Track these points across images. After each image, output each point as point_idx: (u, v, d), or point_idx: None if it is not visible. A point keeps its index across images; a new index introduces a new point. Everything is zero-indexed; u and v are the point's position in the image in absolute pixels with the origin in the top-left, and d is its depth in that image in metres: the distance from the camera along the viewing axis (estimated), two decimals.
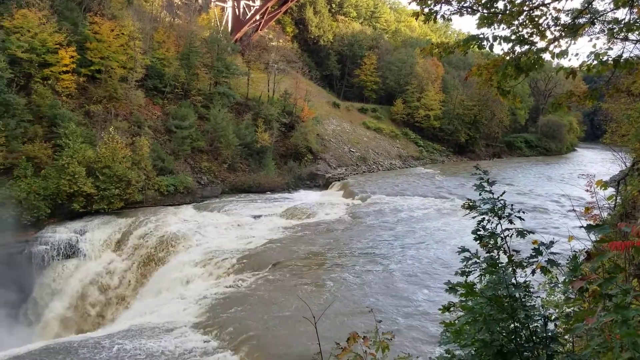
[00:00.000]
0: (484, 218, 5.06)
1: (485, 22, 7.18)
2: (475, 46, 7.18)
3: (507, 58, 7.27)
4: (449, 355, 4.52)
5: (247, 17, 66.33)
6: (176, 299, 24.20)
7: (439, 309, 5.01)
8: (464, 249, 5.04)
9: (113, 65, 42.40)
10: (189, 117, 45.78)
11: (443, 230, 32.73)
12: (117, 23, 43.37)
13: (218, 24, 65.19)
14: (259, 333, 18.93)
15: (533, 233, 5.10)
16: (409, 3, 7.67)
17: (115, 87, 42.60)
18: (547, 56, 7.31)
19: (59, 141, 35.99)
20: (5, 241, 31.65)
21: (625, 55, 7.04)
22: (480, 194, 5.16)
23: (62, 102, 38.86)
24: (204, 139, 47.05)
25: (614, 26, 6.96)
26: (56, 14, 41.35)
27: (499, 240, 4.95)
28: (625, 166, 21.68)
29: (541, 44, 7.22)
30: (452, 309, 4.97)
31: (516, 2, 7.13)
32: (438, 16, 7.58)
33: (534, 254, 4.85)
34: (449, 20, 7.78)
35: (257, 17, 66.43)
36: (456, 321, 4.75)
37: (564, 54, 6.95)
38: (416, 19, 7.77)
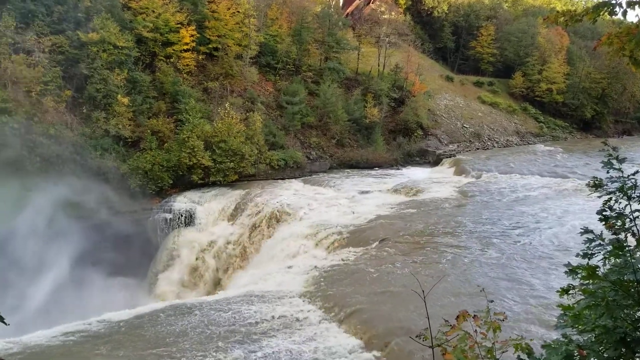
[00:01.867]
0: (610, 198, 4.66)
1: None
2: (606, 13, 6.52)
3: None
4: (566, 340, 4.23)
5: None
6: (284, 269, 25.06)
7: (557, 291, 4.70)
8: (587, 230, 4.68)
9: (229, 43, 44.12)
10: (299, 92, 46.65)
11: (562, 211, 30.80)
12: (233, 1, 44.95)
13: None
14: (365, 307, 19.09)
15: None
16: None
17: (231, 64, 44.38)
18: None
19: (180, 116, 38.35)
20: (133, 208, 34.59)
21: None
22: (607, 172, 4.75)
23: (183, 79, 41.23)
24: (314, 115, 47.77)
25: None
26: None
27: (627, 221, 4.54)
28: None
29: None
30: (571, 292, 4.64)
31: None
32: None
33: None
34: None
35: None
36: (575, 305, 4.44)
37: None
38: None
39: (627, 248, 4.39)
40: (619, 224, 4.58)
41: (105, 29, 36.35)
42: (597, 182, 4.78)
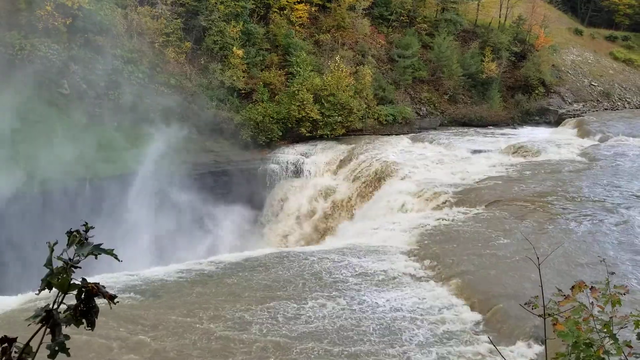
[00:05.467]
0: None
1: None
2: None
3: None
4: None
5: None
6: (388, 226, 24.81)
7: None
8: None
9: None
10: (412, 45, 45.04)
11: None
12: None
13: None
14: (470, 269, 18.47)
15: None
16: None
17: (343, 16, 43.66)
18: None
19: (291, 69, 38.62)
20: (245, 158, 35.79)
21: None
22: None
23: (295, 31, 41.24)
24: (426, 69, 46.03)
25: None
26: None
27: None
28: None
29: None
30: None
31: None
32: None
33: None
34: None
35: None
36: None
37: None
38: None
39: None
40: None
41: None
42: None
